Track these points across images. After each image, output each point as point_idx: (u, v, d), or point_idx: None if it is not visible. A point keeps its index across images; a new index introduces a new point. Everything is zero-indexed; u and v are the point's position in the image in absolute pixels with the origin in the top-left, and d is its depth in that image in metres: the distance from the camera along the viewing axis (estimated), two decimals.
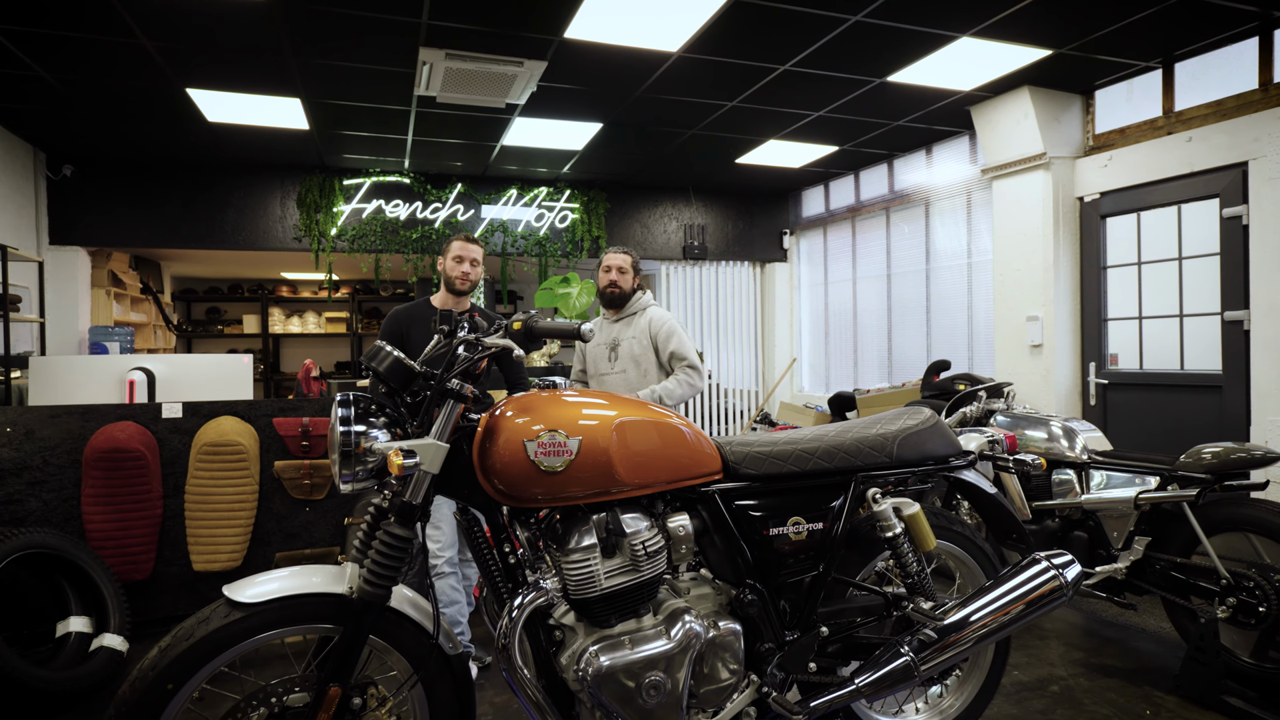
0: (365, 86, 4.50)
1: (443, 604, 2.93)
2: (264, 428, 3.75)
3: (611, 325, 3.39)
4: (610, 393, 1.94)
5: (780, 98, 4.81)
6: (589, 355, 3.43)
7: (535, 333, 1.58)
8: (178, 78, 4.29)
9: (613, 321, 3.40)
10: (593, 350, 3.41)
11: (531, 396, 1.68)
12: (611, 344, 3.35)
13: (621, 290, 3.33)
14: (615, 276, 3.33)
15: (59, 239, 5.75)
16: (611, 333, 3.37)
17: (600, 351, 3.38)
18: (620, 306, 3.37)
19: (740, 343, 7.79)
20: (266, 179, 6.22)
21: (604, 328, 3.42)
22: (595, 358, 3.39)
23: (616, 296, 3.33)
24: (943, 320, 5.91)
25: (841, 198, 7.00)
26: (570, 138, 5.58)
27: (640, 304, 3.40)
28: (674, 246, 7.35)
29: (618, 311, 3.39)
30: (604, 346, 3.37)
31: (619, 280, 3.32)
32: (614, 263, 3.34)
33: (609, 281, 3.33)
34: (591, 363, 3.40)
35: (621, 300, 3.35)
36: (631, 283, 3.38)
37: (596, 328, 3.43)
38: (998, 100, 4.80)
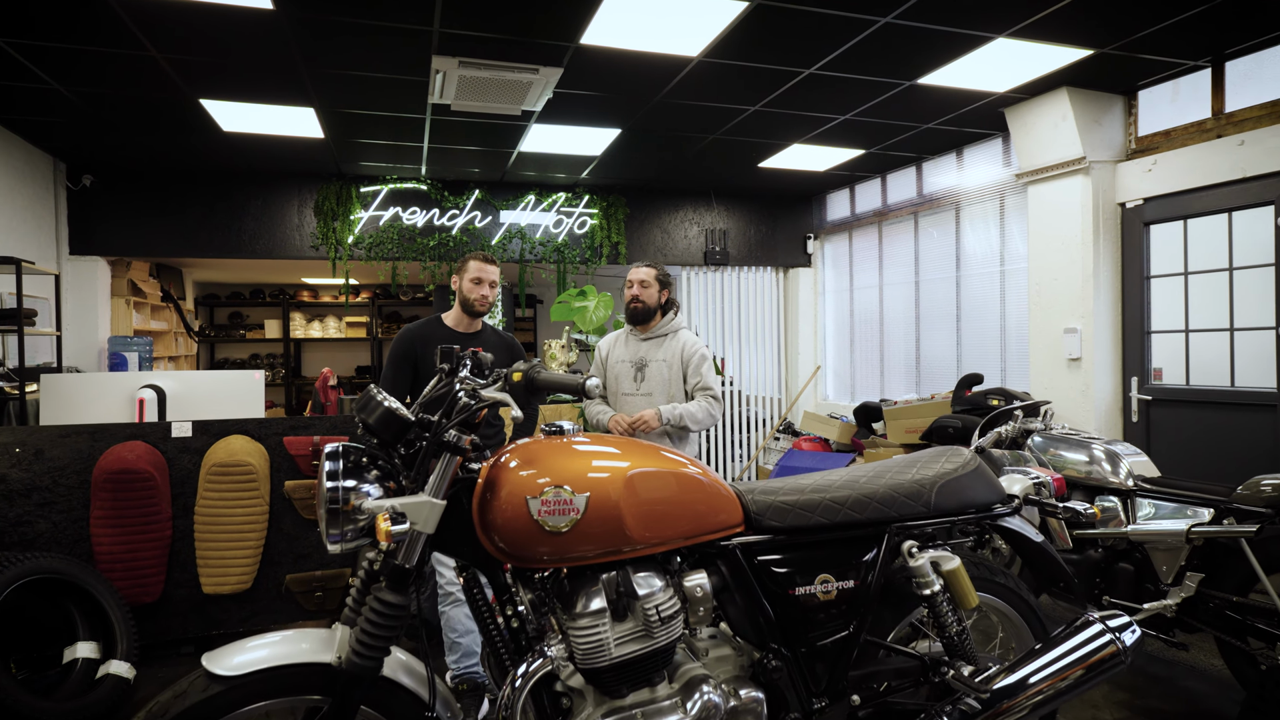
0: (379, 95, 4.41)
1: (457, 633, 2.84)
2: (274, 446, 3.67)
3: (639, 343, 3.25)
4: (622, 438, 1.80)
5: (805, 101, 4.64)
6: (610, 369, 3.28)
7: (536, 385, 1.45)
8: (190, 89, 4.23)
9: (640, 339, 3.25)
10: (616, 365, 3.25)
11: (535, 445, 1.55)
12: (637, 362, 3.20)
13: (645, 305, 3.19)
14: (637, 290, 3.19)
15: (79, 249, 5.75)
16: (638, 351, 3.23)
17: (624, 369, 3.23)
18: (645, 322, 3.23)
19: (763, 349, 7.62)
20: (284, 187, 6.18)
21: (628, 344, 3.27)
22: (619, 374, 3.23)
23: (640, 311, 3.19)
24: (973, 329, 5.69)
25: (867, 201, 6.80)
26: (588, 144, 5.46)
27: (672, 325, 3.26)
28: (695, 252, 7.20)
29: (645, 329, 3.24)
30: (628, 364, 3.22)
31: (641, 295, 3.18)
32: (635, 276, 3.20)
33: (631, 296, 3.20)
34: (613, 378, 3.25)
35: (646, 315, 3.20)
36: (657, 297, 3.22)
37: (619, 343, 3.29)
38: (1034, 102, 4.58)
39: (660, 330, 3.24)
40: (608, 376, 3.27)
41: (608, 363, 3.29)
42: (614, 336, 3.35)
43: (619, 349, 3.27)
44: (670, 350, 3.20)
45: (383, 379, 3.01)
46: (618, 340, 3.31)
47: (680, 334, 3.26)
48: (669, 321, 3.26)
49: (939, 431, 4.77)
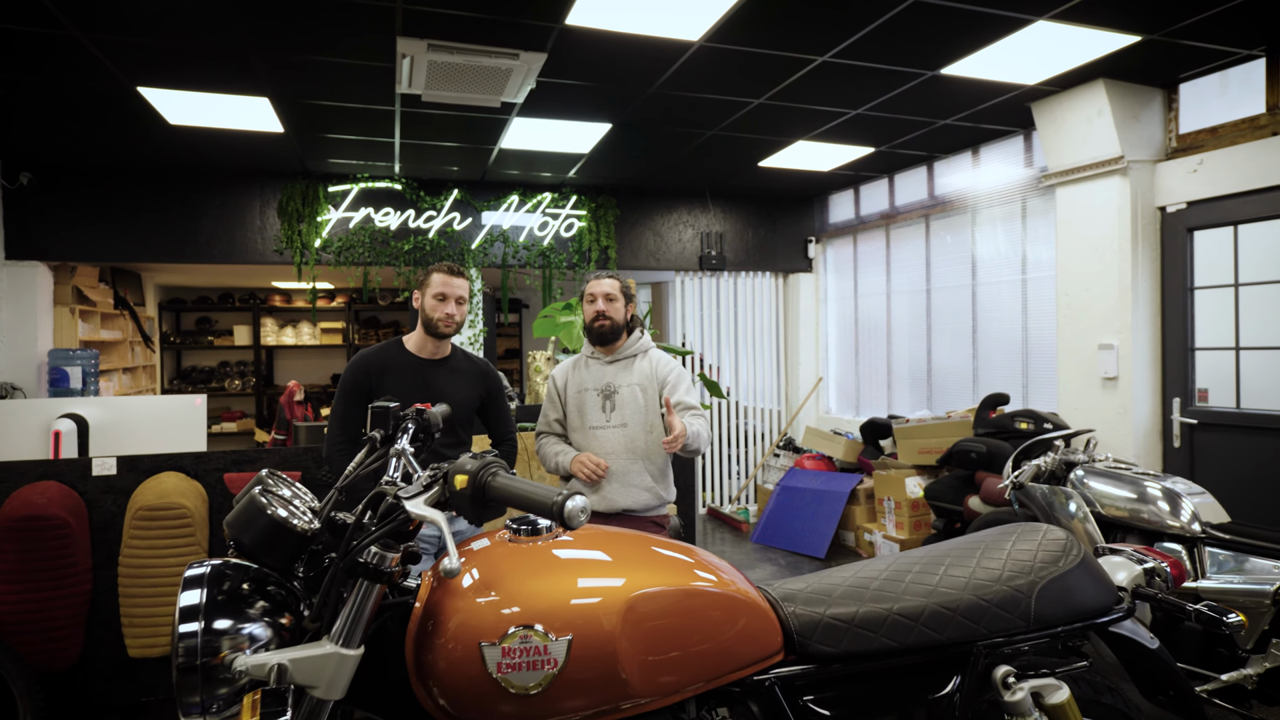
0: (340, 84, 3.94)
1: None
2: (214, 485, 3.21)
3: (604, 367, 2.77)
4: (612, 530, 1.33)
5: (814, 93, 4.21)
6: (571, 401, 2.77)
7: (489, 497, 1.01)
8: (126, 77, 3.74)
9: (605, 362, 2.77)
10: (578, 396, 2.75)
11: (496, 555, 1.10)
12: (605, 390, 2.73)
13: (613, 323, 2.72)
14: (603, 306, 2.71)
15: (16, 253, 5.24)
16: (604, 376, 2.75)
17: (590, 399, 2.73)
18: (611, 343, 2.76)
19: (761, 359, 7.19)
20: (245, 187, 5.68)
21: (590, 369, 2.78)
22: (583, 405, 2.73)
23: (607, 331, 2.72)
24: (992, 342, 5.29)
25: (874, 203, 6.38)
26: (576, 140, 5.00)
27: (640, 345, 2.81)
28: (689, 256, 6.76)
29: (610, 350, 2.77)
30: (594, 393, 2.73)
31: (608, 310, 2.71)
32: (598, 289, 2.72)
33: (596, 313, 2.72)
34: (575, 411, 2.75)
35: (613, 335, 2.73)
36: (624, 313, 2.76)
37: (578, 369, 2.81)
38: (1066, 96, 4.18)
39: (628, 350, 2.78)
40: (568, 409, 2.79)
41: (566, 393, 2.81)
42: (569, 363, 2.87)
43: (579, 376, 2.80)
44: (642, 372, 2.75)
45: (331, 415, 2.55)
46: (576, 366, 2.83)
47: (651, 353, 2.82)
48: (636, 340, 2.81)
49: (960, 456, 4.35)
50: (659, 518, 2.75)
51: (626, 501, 2.65)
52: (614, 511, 2.66)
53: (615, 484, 2.65)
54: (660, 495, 2.72)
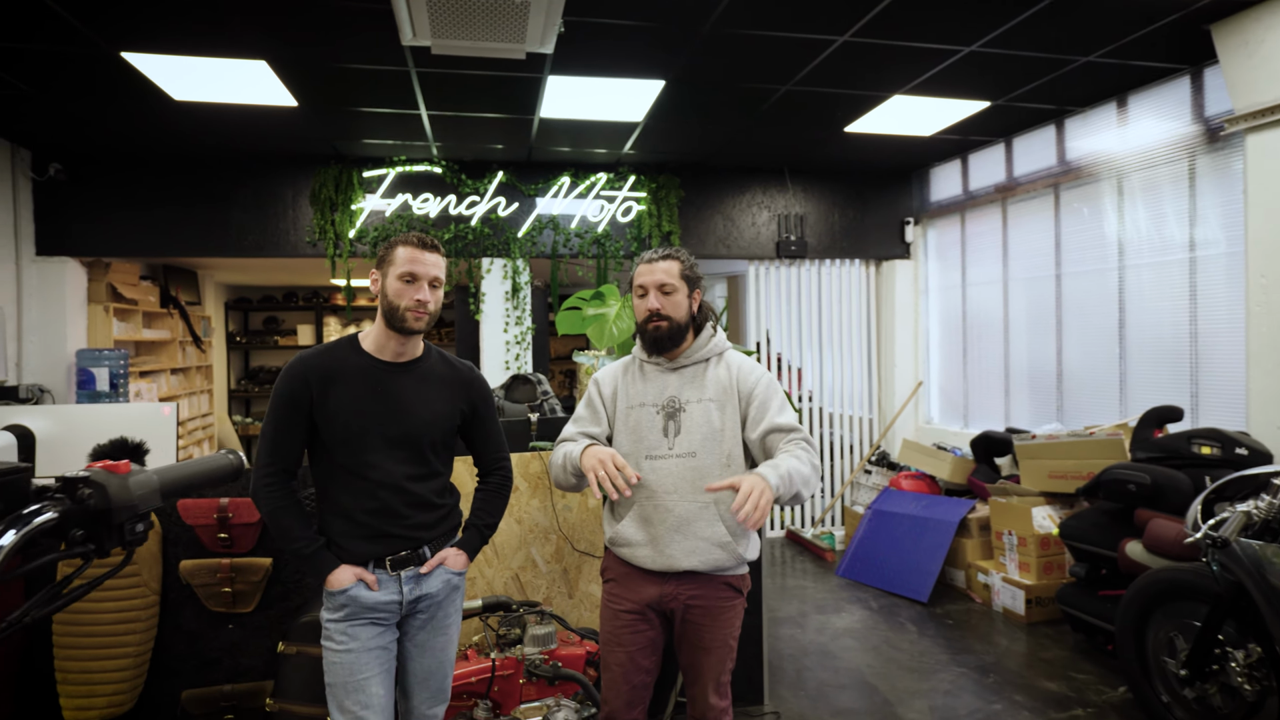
0: (336, 36, 3.37)
1: None
2: (168, 513, 2.67)
3: (665, 375, 2.03)
4: None
5: (914, 23, 3.33)
6: (622, 419, 2.04)
7: None
8: (101, 38, 3.29)
9: (667, 370, 2.04)
10: (629, 413, 2.03)
11: None
12: (666, 406, 1.99)
13: (673, 324, 1.98)
14: (657, 301, 1.97)
15: (46, 248, 4.99)
16: (665, 388, 2.01)
17: (646, 418, 2.00)
18: (674, 348, 2.02)
19: (850, 360, 6.26)
20: (275, 174, 5.27)
21: (646, 377, 2.05)
22: (636, 425, 2.01)
23: (665, 336, 1.98)
24: (1144, 339, 4.21)
25: (987, 174, 5.35)
26: (626, 103, 4.28)
27: (714, 346, 2.05)
28: (765, 242, 5.92)
29: (673, 354, 2.04)
30: (652, 409, 2.00)
31: (664, 306, 1.97)
32: (652, 279, 1.99)
33: (649, 311, 1.98)
34: (628, 433, 2.01)
35: (674, 340, 1.99)
36: (687, 306, 2.00)
37: (630, 377, 2.07)
38: (1268, 8, 3.12)
39: (698, 354, 2.03)
40: (617, 429, 2.06)
41: (615, 406, 2.07)
42: (618, 366, 2.14)
43: (632, 385, 2.06)
44: (717, 383, 2.00)
45: (260, 437, 1.92)
46: (628, 372, 2.10)
47: (728, 357, 2.06)
48: (708, 340, 2.05)
49: (1113, 486, 3.36)
50: (734, 579, 2.00)
51: (691, 561, 1.93)
52: (674, 572, 1.94)
53: (676, 535, 1.93)
54: (738, 553, 1.96)
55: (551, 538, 2.95)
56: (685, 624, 1.97)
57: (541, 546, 2.95)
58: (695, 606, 1.95)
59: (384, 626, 1.89)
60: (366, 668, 1.83)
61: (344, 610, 1.84)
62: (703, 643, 1.96)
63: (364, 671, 1.82)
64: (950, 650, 3.73)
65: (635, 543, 1.98)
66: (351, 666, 1.82)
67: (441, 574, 1.96)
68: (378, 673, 1.85)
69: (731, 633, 1.99)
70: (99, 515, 0.60)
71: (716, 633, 1.96)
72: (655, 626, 2.00)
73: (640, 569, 1.98)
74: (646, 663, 1.99)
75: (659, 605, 1.97)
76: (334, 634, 1.84)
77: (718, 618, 1.96)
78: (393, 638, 1.92)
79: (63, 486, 0.61)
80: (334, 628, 1.85)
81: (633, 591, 1.99)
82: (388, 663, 1.89)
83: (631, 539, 1.98)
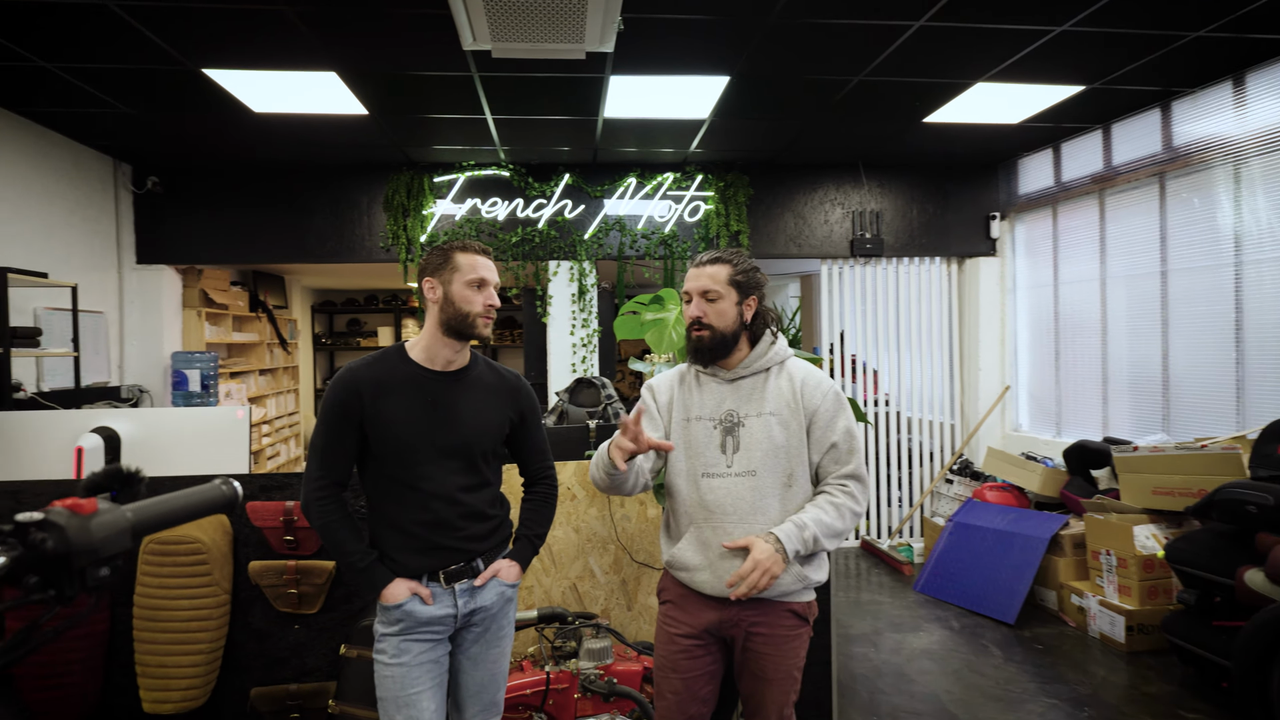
0: (399, 45, 3.41)
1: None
2: (240, 514, 2.74)
3: (721, 388, 1.91)
4: None
5: (997, 4, 3.10)
6: (678, 432, 1.92)
7: None
8: (185, 57, 3.44)
9: (724, 381, 1.91)
10: (685, 426, 1.91)
11: None
12: (724, 420, 1.88)
13: (715, 334, 1.85)
14: (699, 308, 1.86)
15: (145, 257, 5.30)
16: (721, 401, 1.89)
17: (702, 432, 1.88)
18: (721, 359, 1.90)
19: (929, 363, 5.95)
20: (352, 182, 5.43)
21: (702, 388, 1.93)
22: (691, 440, 1.89)
23: (706, 346, 1.86)
24: (1266, 340, 3.80)
25: (1081, 164, 4.98)
26: (690, 101, 4.18)
27: (774, 355, 1.92)
28: (839, 241, 5.70)
29: (729, 364, 1.91)
30: (709, 423, 1.89)
31: (707, 314, 1.85)
32: (695, 284, 1.88)
33: (692, 319, 1.87)
34: (685, 447, 1.90)
35: (715, 352, 1.87)
36: (736, 314, 1.87)
37: (686, 387, 1.95)
38: None
39: (757, 364, 1.91)
40: (673, 439, 1.93)
41: (670, 417, 1.96)
42: (674, 375, 2.02)
43: (689, 396, 1.94)
44: (779, 396, 1.87)
45: (310, 449, 1.92)
46: (684, 381, 1.98)
47: (789, 366, 1.92)
48: (768, 348, 1.92)
49: (1229, 507, 3.03)
50: (800, 606, 1.87)
51: None
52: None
53: (736, 559, 1.81)
54: (803, 575, 1.84)
55: (610, 548, 2.88)
56: (746, 652, 1.85)
57: (600, 556, 2.88)
58: (757, 634, 1.83)
59: (436, 640, 1.86)
60: (417, 682, 1.80)
61: (399, 625, 1.81)
62: (765, 673, 1.84)
63: (415, 686, 1.79)
64: (1040, 678, 3.46)
65: (693, 566, 1.87)
66: (402, 681, 1.79)
67: (495, 586, 1.92)
68: (429, 687, 1.82)
69: (796, 663, 1.86)
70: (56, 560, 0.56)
71: (780, 663, 1.83)
72: (714, 654, 1.89)
73: (699, 593, 1.88)
74: (704, 692, 1.88)
75: (718, 631, 1.87)
76: (385, 647, 1.82)
77: (781, 647, 1.83)
78: (445, 651, 1.89)
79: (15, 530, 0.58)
80: (387, 642, 1.82)
81: (691, 616, 1.88)
82: (439, 676, 1.86)
83: (689, 562, 1.87)
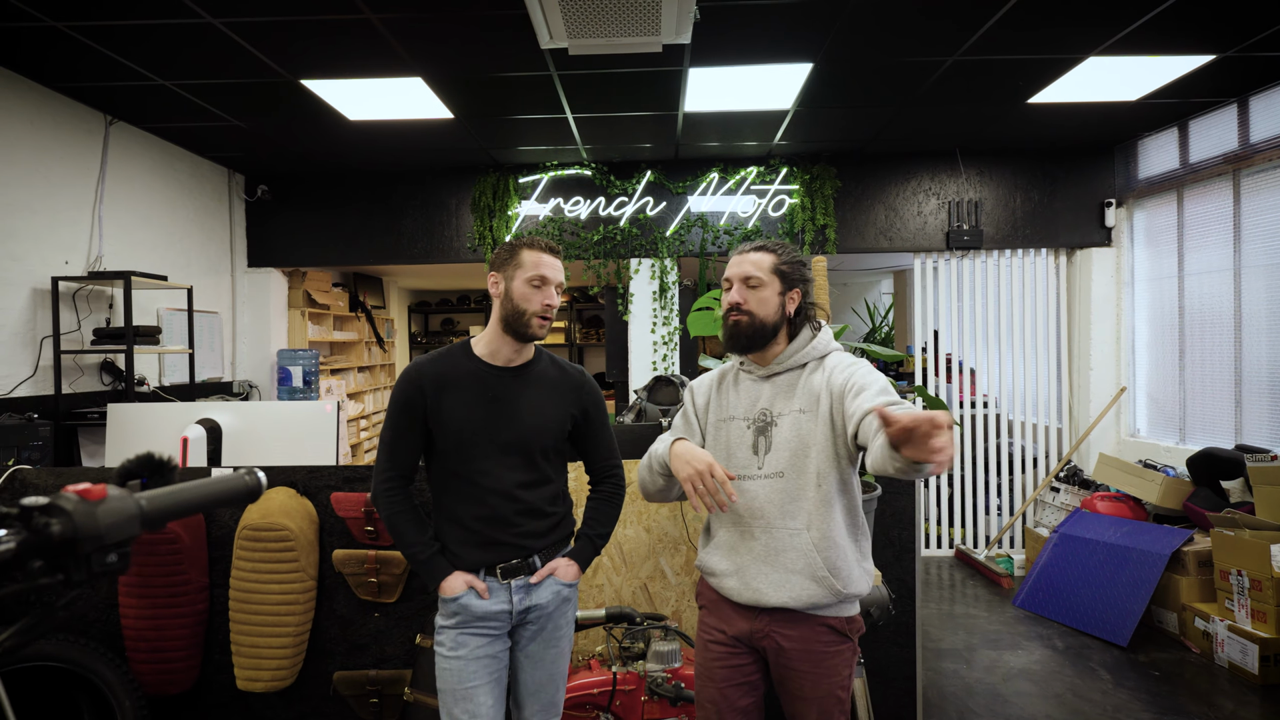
0: (479, 48, 3.47)
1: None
2: (326, 504, 2.86)
3: (756, 385, 1.83)
4: None
5: None
6: (712, 434, 1.86)
7: None
8: (284, 68, 3.62)
9: (759, 378, 1.83)
10: (718, 427, 1.85)
11: None
12: (758, 420, 1.79)
13: (752, 320, 1.76)
14: (739, 295, 1.78)
15: (255, 261, 5.66)
16: (756, 399, 1.81)
17: (735, 433, 1.81)
18: (758, 348, 1.80)
19: (1034, 362, 5.56)
20: (441, 184, 5.60)
21: (739, 386, 1.86)
22: (725, 441, 1.82)
23: (743, 332, 1.77)
24: None
25: (1212, 142, 4.51)
26: (771, 91, 4.06)
27: (812, 349, 1.81)
28: (933, 233, 5.41)
29: (765, 359, 1.83)
30: (742, 423, 1.81)
31: (746, 301, 1.77)
32: (737, 270, 1.80)
33: (729, 305, 1.79)
34: (720, 448, 1.83)
35: (752, 340, 1.78)
36: (778, 304, 1.77)
37: (725, 386, 1.88)
38: None
39: (793, 359, 1.80)
40: (708, 444, 1.87)
41: (706, 419, 1.89)
42: (714, 375, 1.95)
43: (724, 396, 1.87)
44: (809, 390, 1.75)
45: (379, 442, 1.97)
46: (723, 381, 1.91)
47: (829, 360, 1.80)
48: (807, 343, 1.81)
49: None
50: (837, 621, 1.73)
51: (780, 596, 1.70)
52: (763, 607, 1.73)
53: (764, 566, 1.73)
54: (835, 588, 1.69)
55: (681, 549, 2.82)
56: (781, 669, 1.74)
57: (671, 557, 2.83)
58: (791, 650, 1.72)
59: (494, 636, 1.87)
60: (474, 676, 1.81)
61: (456, 618, 1.84)
62: (803, 693, 1.71)
63: (472, 680, 1.80)
64: (1155, 708, 3.15)
65: (721, 572, 1.79)
66: (460, 674, 1.81)
67: (551, 585, 1.90)
68: (486, 682, 1.82)
69: (839, 683, 1.72)
70: (62, 545, 0.57)
71: (819, 683, 1.70)
72: (751, 663, 1.79)
73: (730, 600, 1.80)
74: (742, 703, 1.77)
75: (750, 641, 1.77)
76: (444, 640, 1.85)
77: (819, 665, 1.70)
78: (503, 647, 1.89)
79: (20, 514, 0.59)
80: (445, 634, 1.85)
81: (724, 622, 1.80)
82: (497, 672, 1.86)
83: (717, 568, 1.80)
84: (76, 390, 3.97)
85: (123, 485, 0.72)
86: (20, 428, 3.39)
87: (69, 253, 3.97)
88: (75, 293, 3.96)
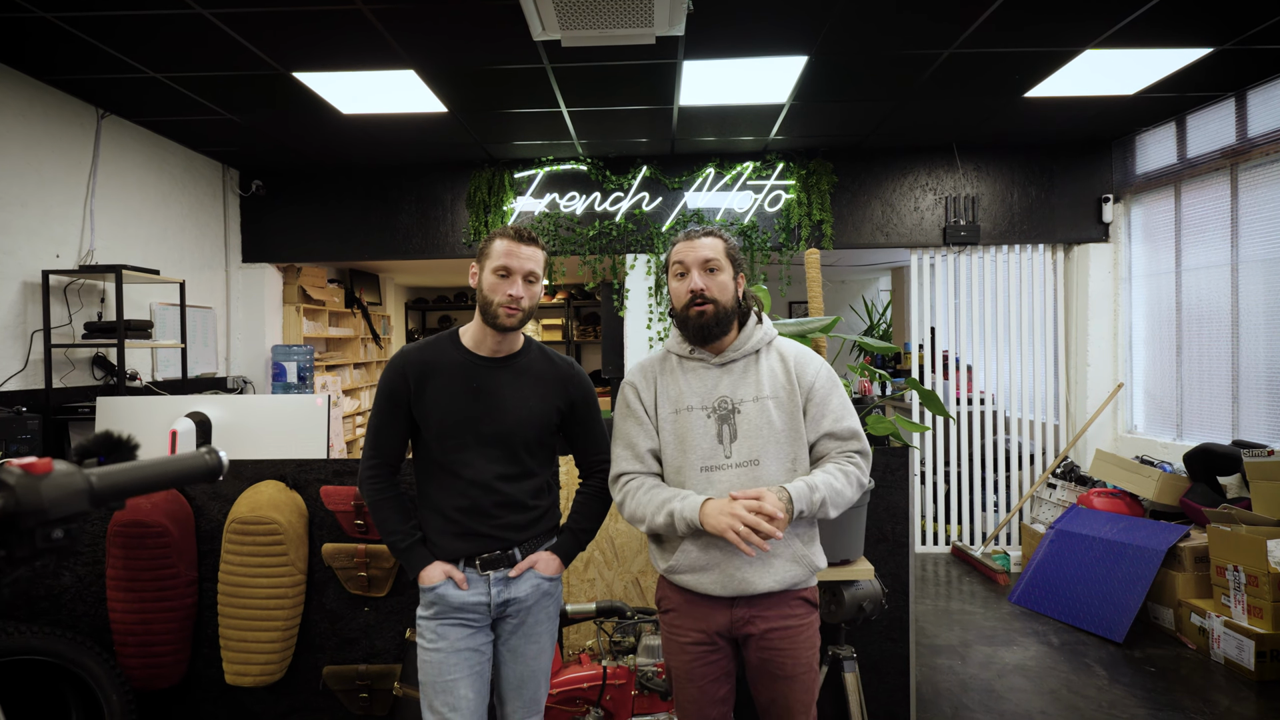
0: (471, 39, 3.45)
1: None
2: (315, 497, 2.84)
3: (710, 373, 1.80)
4: None
5: None
6: (666, 426, 1.80)
7: None
8: (275, 60, 3.60)
9: (713, 365, 1.80)
10: (677, 417, 1.78)
11: None
12: (718, 409, 1.76)
13: (719, 308, 1.74)
14: (701, 281, 1.74)
15: (250, 256, 5.63)
16: (714, 387, 1.78)
17: (695, 423, 1.76)
18: (718, 338, 1.78)
19: (1031, 358, 5.54)
20: (436, 179, 5.58)
21: (689, 375, 1.81)
22: (683, 432, 1.77)
23: (711, 321, 1.74)
24: None
25: (1210, 135, 4.49)
26: (768, 85, 4.04)
27: (763, 335, 1.82)
28: (930, 229, 5.39)
29: (719, 347, 1.81)
30: (701, 413, 1.76)
31: (709, 287, 1.74)
32: (694, 255, 1.76)
33: (691, 293, 1.75)
34: (674, 442, 1.78)
35: (720, 328, 1.76)
36: (734, 292, 1.77)
37: (669, 375, 1.84)
38: None
39: (747, 345, 1.80)
40: (662, 437, 1.81)
41: (657, 410, 1.83)
42: (651, 365, 1.89)
43: (673, 385, 1.82)
44: (773, 378, 1.77)
45: (366, 430, 1.95)
46: (665, 369, 1.86)
47: (777, 346, 1.83)
48: (754, 329, 1.82)
49: None
50: (809, 593, 1.80)
51: (767, 581, 1.72)
52: (747, 595, 1.73)
53: (745, 557, 1.72)
54: (812, 563, 1.78)
55: None
56: (762, 651, 1.74)
57: None
58: (773, 629, 1.74)
59: (474, 628, 1.85)
60: (454, 669, 1.79)
61: (434, 608, 1.82)
62: (786, 670, 1.74)
63: (451, 673, 1.78)
64: (1151, 704, 3.13)
65: (699, 568, 1.75)
66: (440, 666, 1.79)
67: (531, 578, 1.88)
68: (466, 675, 1.80)
69: (813, 654, 1.78)
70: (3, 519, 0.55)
71: (799, 656, 1.74)
72: (727, 654, 1.80)
73: (707, 596, 1.77)
74: (720, 692, 1.79)
75: (729, 633, 1.78)
76: (424, 631, 1.83)
77: (797, 639, 1.74)
78: (485, 640, 1.87)
79: None
80: (425, 625, 1.83)
81: (697, 620, 1.78)
82: (478, 665, 1.84)
83: (695, 564, 1.75)
84: (68, 385, 3.95)
85: (79, 464, 0.70)
86: (7, 421, 3.37)
87: (60, 246, 3.95)
88: (66, 287, 3.94)
